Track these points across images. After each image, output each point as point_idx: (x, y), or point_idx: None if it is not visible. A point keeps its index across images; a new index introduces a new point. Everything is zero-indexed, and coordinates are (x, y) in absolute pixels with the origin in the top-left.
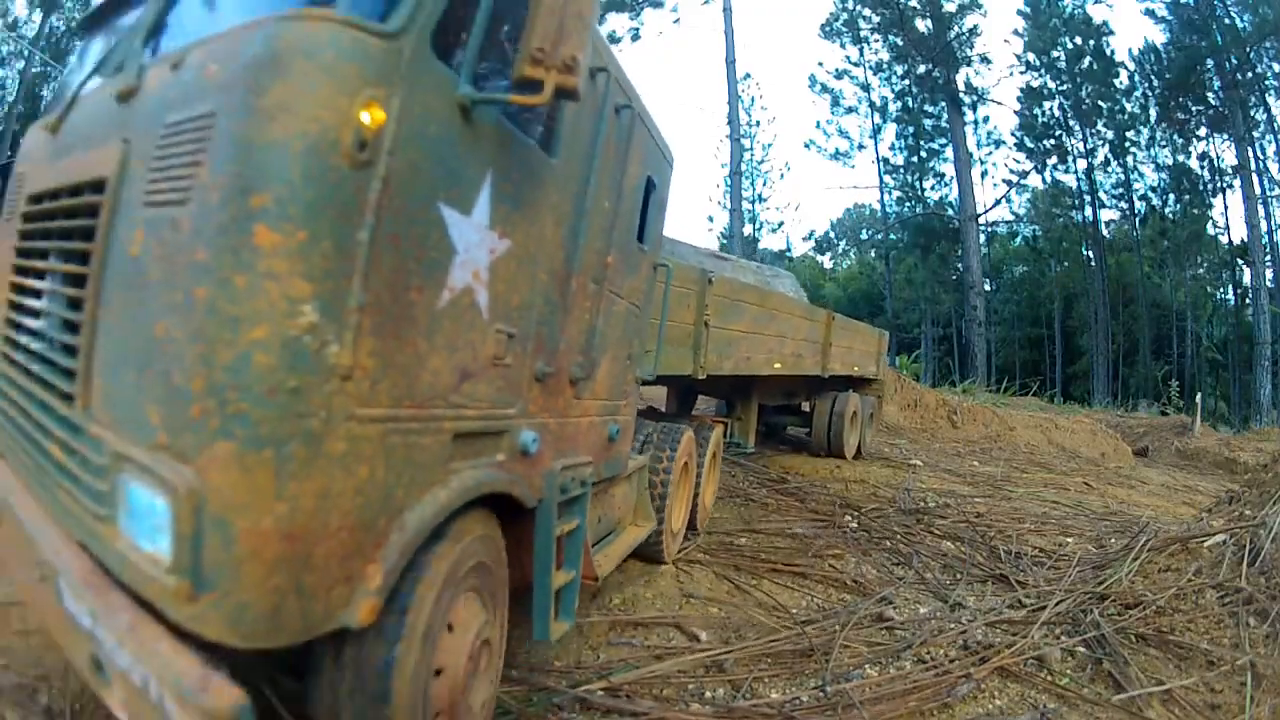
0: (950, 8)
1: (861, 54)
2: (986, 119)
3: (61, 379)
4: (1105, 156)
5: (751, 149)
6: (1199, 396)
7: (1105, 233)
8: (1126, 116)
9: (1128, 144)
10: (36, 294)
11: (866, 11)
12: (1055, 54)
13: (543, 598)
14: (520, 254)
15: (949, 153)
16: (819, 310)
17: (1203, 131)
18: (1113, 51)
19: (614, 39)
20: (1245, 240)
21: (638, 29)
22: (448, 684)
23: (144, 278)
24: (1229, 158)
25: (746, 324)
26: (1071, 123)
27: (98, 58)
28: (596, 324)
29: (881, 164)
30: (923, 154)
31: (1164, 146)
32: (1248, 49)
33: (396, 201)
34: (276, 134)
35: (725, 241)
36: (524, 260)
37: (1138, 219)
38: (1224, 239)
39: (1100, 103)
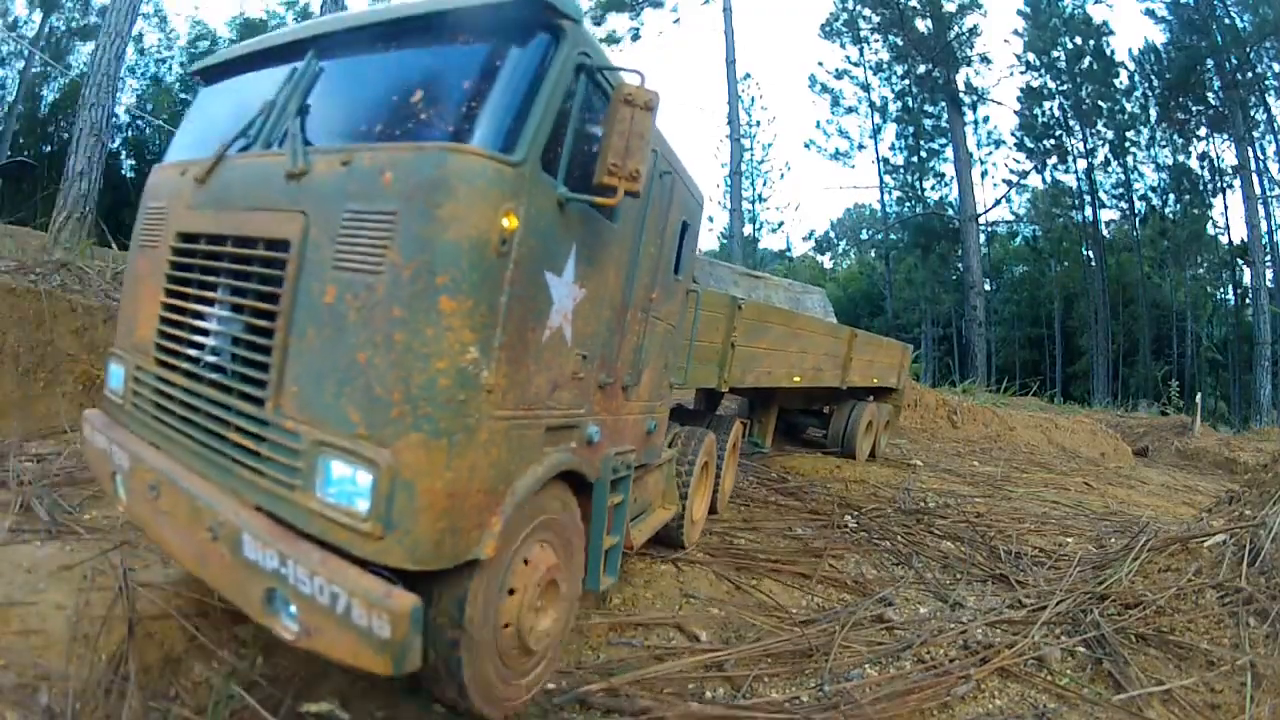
0: (950, 8)
1: (861, 54)
2: (986, 119)
3: (251, 386)
4: (1105, 156)
5: (751, 149)
6: (1199, 396)
7: (1105, 233)
8: (1126, 116)
9: (1128, 144)
10: (199, 314)
11: (866, 11)
12: (1055, 54)
13: (595, 555)
14: (592, 298)
15: (949, 153)
16: (842, 329)
17: (1203, 131)
18: (1113, 51)
19: (614, 39)
20: (1245, 240)
21: (638, 29)
22: (516, 602)
23: (342, 320)
24: (1229, 158)
25: (770, 342)
26: (1071, 123)
27: (232, 117)
28: (643, 343)
29: (881, 164)
30: (923, 154)
31: (1164, 146)
32: (1248, 49)
33: (521, 275)
34: (451, 235)
35: (725, 241)
36: (595, 302)
37: (1138, 219)
38: (1224, 239)
39: (1100, 103)
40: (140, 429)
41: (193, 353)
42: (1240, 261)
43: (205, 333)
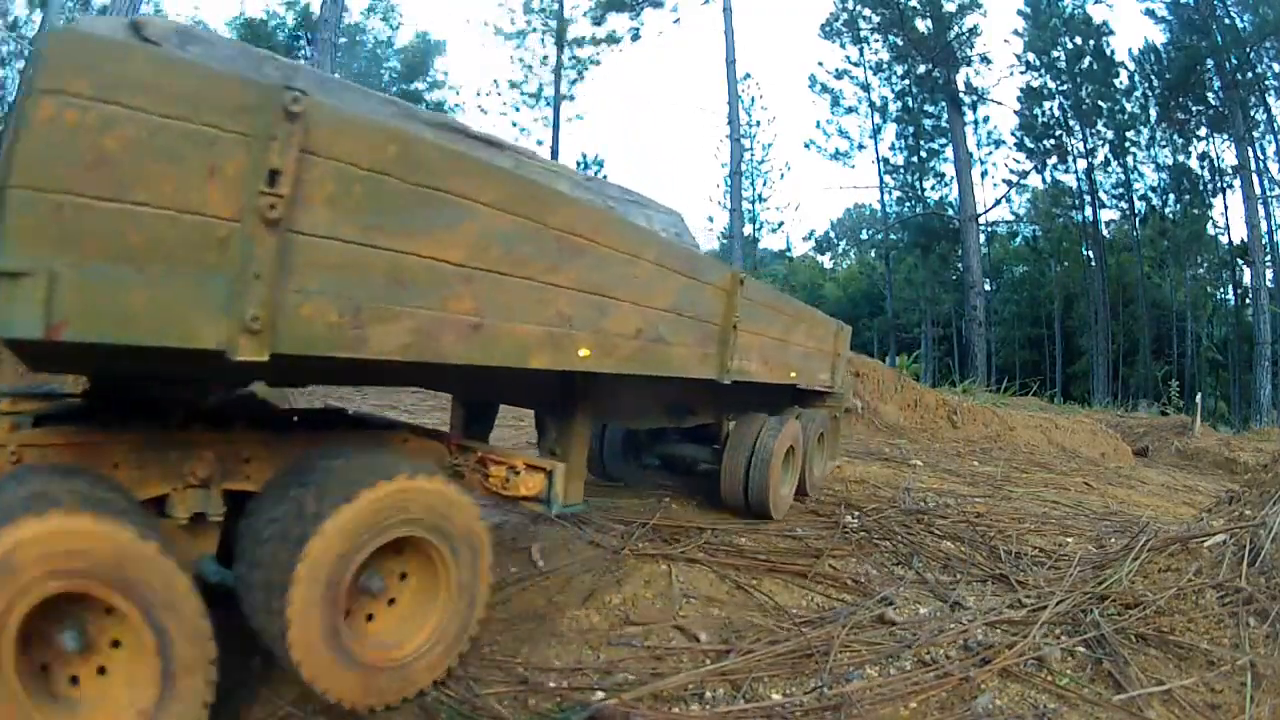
0: (950, 8)
1: (861, 54)
2: (986, 119)
3: None
4: (1105, 156)
5: (751, 149)
6: (1199, 396)
7: (1105, 233)
8: (1126, 116)
9: (1128, 144)
10: None
11: (866, 11)
12: (1055, 54)
13: None
14: None
15: (949, 153)
16: (712, 264)
17: (1203, 131)
18: (1113, 51)
19: (614, 39)
20: (1245, 240)
21: (638, 29)
22: None
23: None
24: (1229, 158)
25: (484, 258)
26: (1071, 123)
27: None
28: None
29: (881, 164)
30: (923, 154)
31: (1164, 146)
32: (1248, 49)
33: None
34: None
35: (725, 241)
36: None
37: (1138, 219)
38: (1224, 239)
39: (1100, 103)
40: None
41: None
42: (1240, 261)
43: None
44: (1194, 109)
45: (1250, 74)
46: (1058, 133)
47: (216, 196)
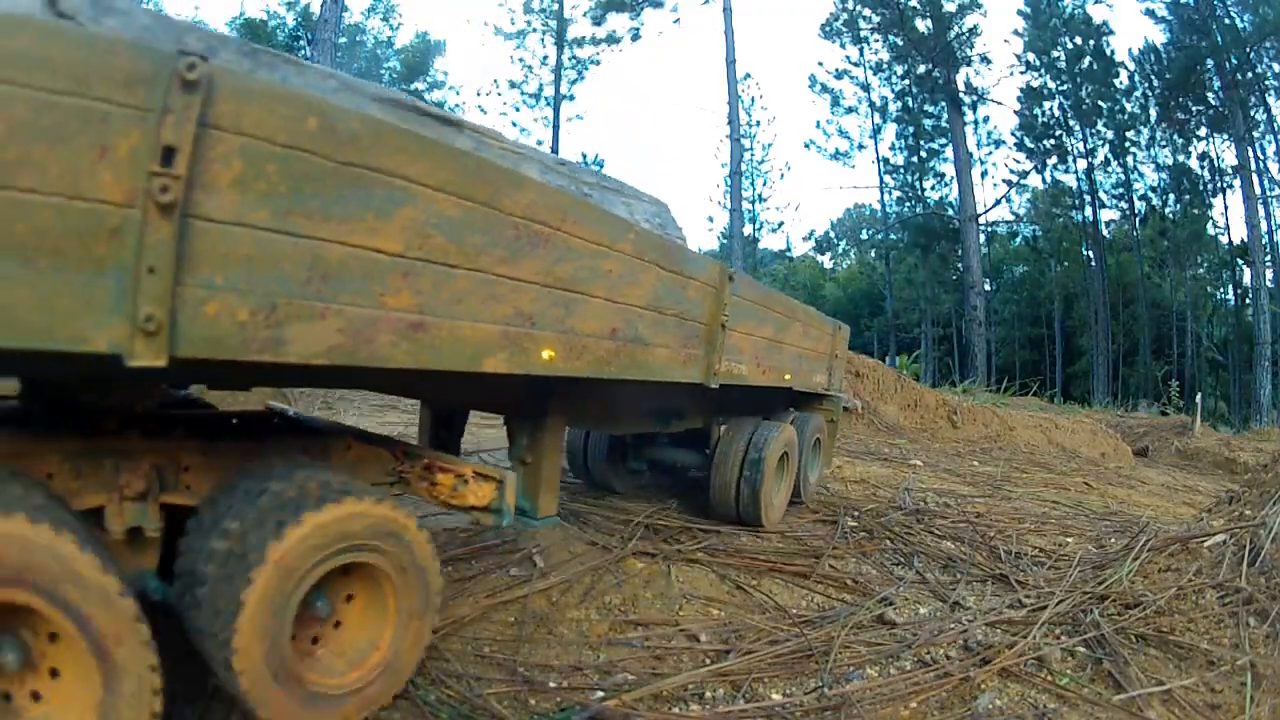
0: (950, 8)
1: (861, 54)
2: (986, 119)
3: None
4: (1105, 156)
5: (752, 149)
6: (1199, 396)
7: (1105, 233)
8: (1126, 116)
9: (1128, 144)
10: None
11: (866, 11)
12: (1055, 54)
13: None
14: None
15: (949, 153)
16: (699, 258)
17: (1203, 131)
18: (1113, 51)
19: (614, 39)
20: (1245, 240)
21: (638, 29)
22: None
23: None
24: (1229, 158)
25: (425, 245)
26: (1071, 123)
27: None
28: None
29: (881, 164)
30: (923, 154)
31: (1164, 146)
32: (1248, 49)
33: None
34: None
35: (725, 241)
36: None
37: (1138, 219)
38: (1224, 239)
39: (1100, 103)
40: None
41: None
42: (1240, 261)
43: None
44: (1194, 109)
45: (1250, 74)
46: (1058, 133)
47: (108, 180)
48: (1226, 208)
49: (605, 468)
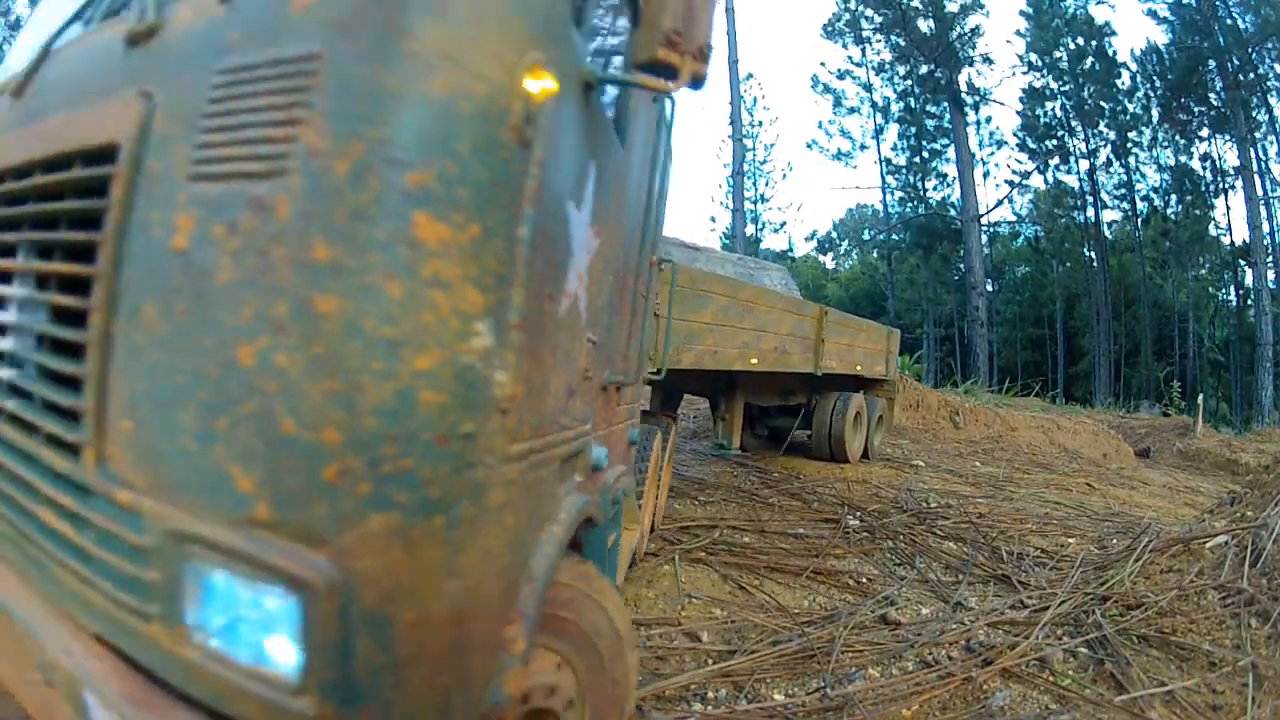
0: (953, 8)
1: (864, 54)
2: (989, 119)
3: (57, 420)
4: (1107, 157)
5: (754, 149)
6: (1201, 397)
7: (1107, 233)
8: (1128, 117)
9: (1130, 144)
10: None
11: (869, 12)
12: (1057, 54)
13: None
14: (604, 253)
15: (951, 153)
16: (809, 305)
17: (1205, 132)
18: (1115, 52)
19: None
20: (1247, 241)
21: None
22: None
23: (204, 279)
24: (1231, 159)
25: (713, 316)
26: (1074, 123)
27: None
28: (644, 323)
29: (884, 164)
30: (925, 154)
31: (1166, 147)
32: (1250, 50)
33: (544, 193)
34: (436, 90)
35: (727, 241)
36: (606, 260)
37: (1140, 220)
38: (1226, 240)
39: (1102, 103)
40: None
41: None
42: (1242, 262)
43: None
44: (1196, 110)
45: (1252, 75)
46: (1060, 133)
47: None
48: (1229, 208)
49: (742, 434)
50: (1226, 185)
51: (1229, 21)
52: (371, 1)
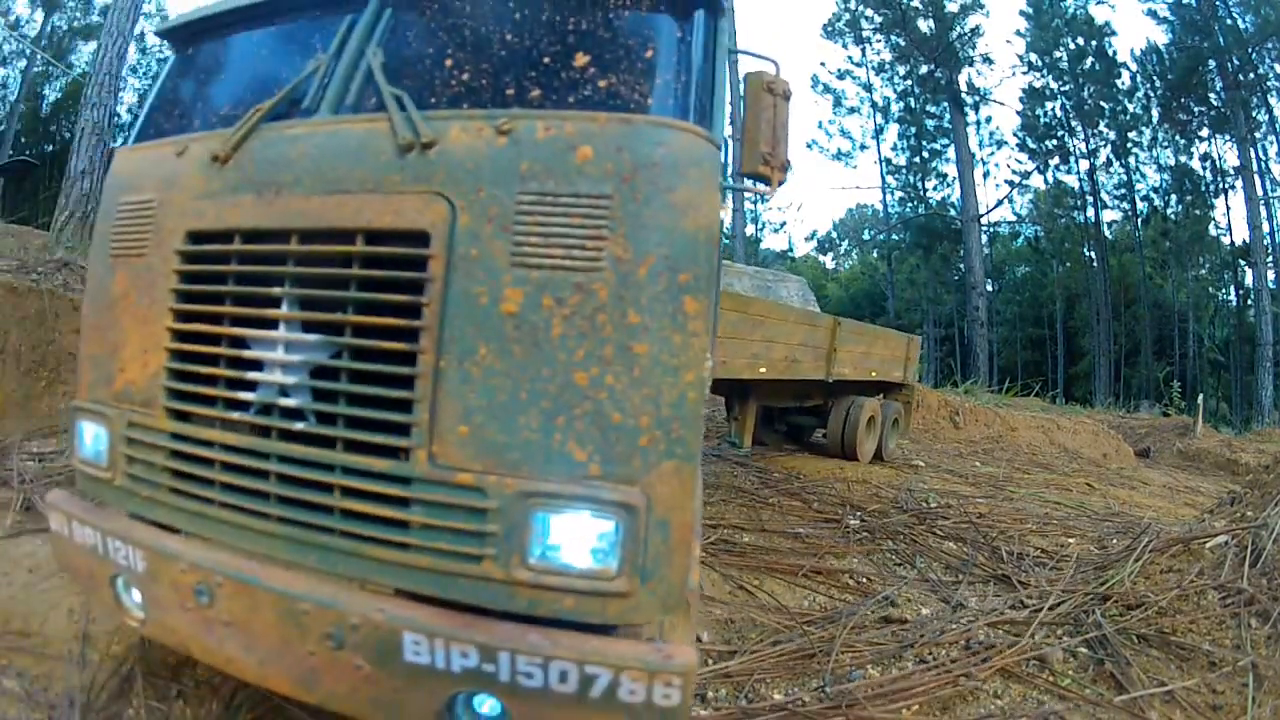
0: (953, 8)
1: (864, 54)
2: (989, 119)
3: (384, 433)
4: (1107, 157)
5: None
6: (1201, 398)
7: (1107, 233)
8: (1128, 117)
9: (1130, 145)
10: (241, 341)
11: (869, 12)
12: (1057, 54)
13: None
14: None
15: (951, 153)
16: (822, 317)
17: (1205, 132)
18: (1115, 52)
19: None
20: (1247, 241)
21: None
22: None
23: (537, 333)
24: (1231, 159)
25: (721, 330)
26: (1073, 123)
27: (249, 81)
28: None
29: (884, 164)
30: (925, 154)
31: (1166, 147)
32: (1250, 50)
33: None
34: (689, 225)
35: (728, 241)
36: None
37: (1140, 220)
38: (1226, 240)
39: (1102, 103)
40: (149, 510)
41: (242, 396)
42: (1242, 262)
43: (259, 366)
44: (1196, 110)
45: (1252, 75)
46: (1060, 133)
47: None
48: (1229, 208)
49: (760, 430)
50: (1226, 185)
51: (1229, 21)
52: (640, 165)
